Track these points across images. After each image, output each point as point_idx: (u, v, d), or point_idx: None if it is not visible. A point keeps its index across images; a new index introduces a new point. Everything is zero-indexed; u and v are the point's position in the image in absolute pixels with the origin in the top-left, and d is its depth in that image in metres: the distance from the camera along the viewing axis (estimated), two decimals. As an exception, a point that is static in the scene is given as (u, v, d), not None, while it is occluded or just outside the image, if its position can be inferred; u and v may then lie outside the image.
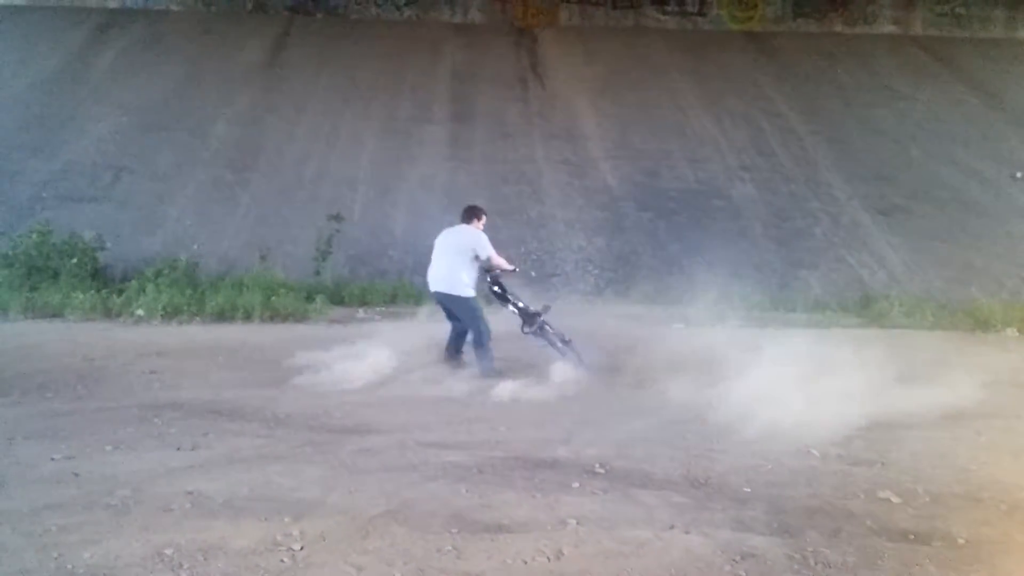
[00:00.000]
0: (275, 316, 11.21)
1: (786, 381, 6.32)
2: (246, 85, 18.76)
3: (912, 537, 3.79)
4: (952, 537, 3.80)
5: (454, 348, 7.85)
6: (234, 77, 18.97)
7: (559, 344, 7.77)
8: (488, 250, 7.58)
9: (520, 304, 7.89)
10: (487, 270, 7.78)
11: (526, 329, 7.78)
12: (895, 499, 4.32)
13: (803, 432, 5.46)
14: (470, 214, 7.86)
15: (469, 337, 7.68)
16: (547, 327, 7.78)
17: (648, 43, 21.77)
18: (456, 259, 7.55)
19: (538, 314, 7.79)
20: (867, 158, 17.70)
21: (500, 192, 16.07)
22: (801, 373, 6.49)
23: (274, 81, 19.08)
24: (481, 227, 7.81)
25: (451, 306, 7.64)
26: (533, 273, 14.09)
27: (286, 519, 3.81)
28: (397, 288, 12.89)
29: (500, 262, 7.69)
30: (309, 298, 11.96)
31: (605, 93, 19.46)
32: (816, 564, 3.46)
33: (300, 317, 11.30)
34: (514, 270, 8.03)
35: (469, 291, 7.55)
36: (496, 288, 7.88)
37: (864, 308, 12.74)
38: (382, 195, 15.75)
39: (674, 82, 20.09)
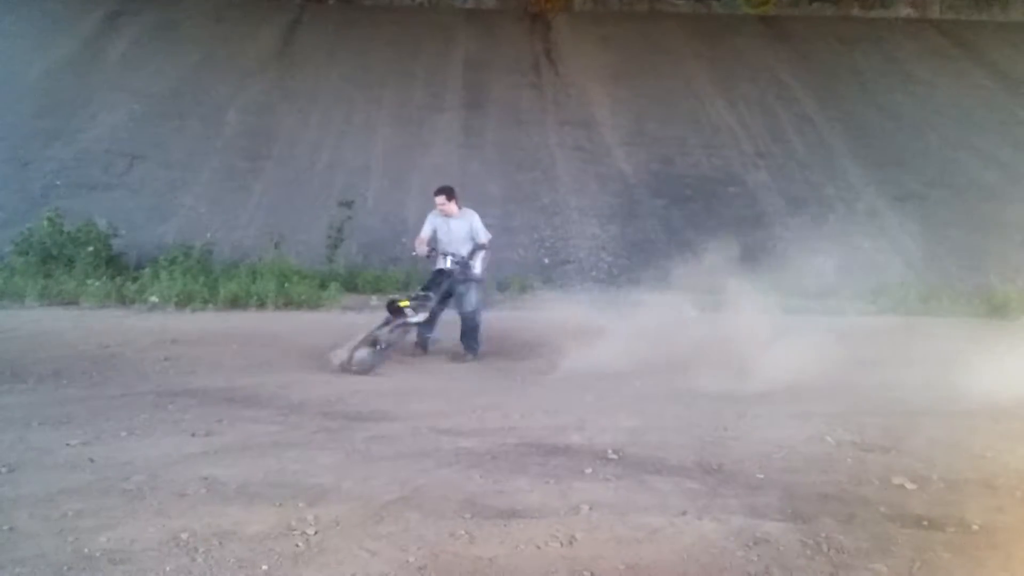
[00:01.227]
0: (289, 303, 11.26)
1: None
2: (259, 73, 18.76)
3: (926, 523, 3.77)
4: (966, 523, 3.78)
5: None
6: (247, 65, 18.98)
7: (381, 345, 7.44)
8: None
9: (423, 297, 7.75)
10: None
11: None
12: (909, 485, 4.30)
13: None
14: None
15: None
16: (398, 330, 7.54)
17: (662, 28, 21.62)
18: None
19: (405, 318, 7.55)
20: (884, 144, 17.54)
21: (513, 179, 16.04)
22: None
23: (287, 69, 19.08)
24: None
25: None
26: (547, 260, 14.09)
27: (300, 504, 3.83)
28: (411, 275, 12.90)
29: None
30: (323, 285, 11.99)
31: (619, 79, 19.35)
32: (829, 550, 3.44)
33: (314, 304, 11.34)
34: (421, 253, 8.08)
35: None
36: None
37: (880, 295, 12.65)
38: (395, 183, 15.75)
39: (689, 68, 19.96)
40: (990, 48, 21.01)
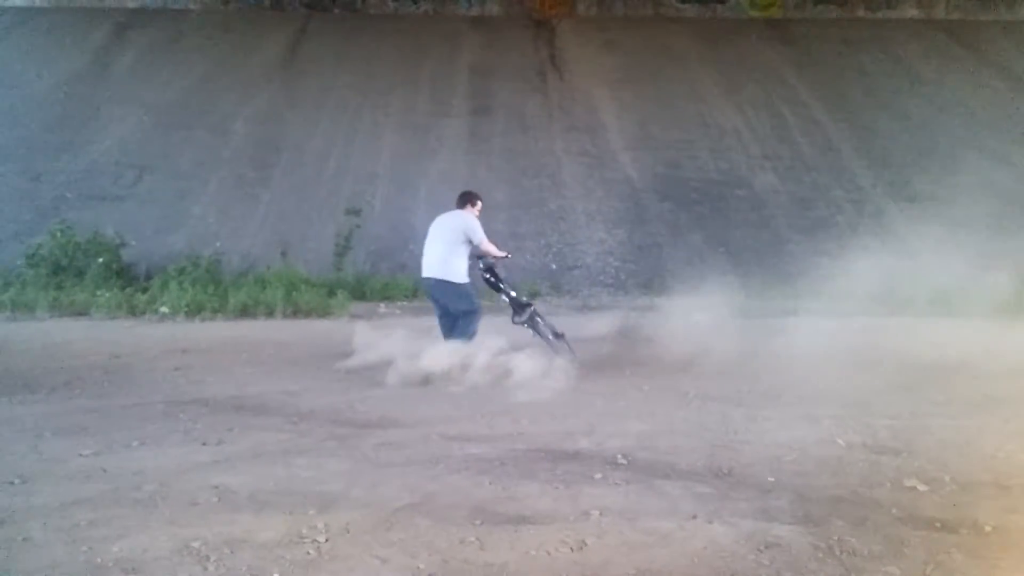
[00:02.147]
0: (297, 312, 11.28)
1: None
2: (265, 83, 18.86)
3: (939, 525, 3.75)
4: (979, 525, 3.76)
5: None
6: (253, 75, 19.08)
7: (549, 337, 7.65)
8: (479, 235, 7.34)
9: (512, 293, 7.80)
10: (478, 256, 7.65)
11: (516, 319, 7.74)
12: (921, 487, 4.27)
13: None
14: (464, 199, 7.68)
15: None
16: (538, 318, 7.71)
17: (667, 32, 21.64)
18: (449, 244, 7.37)
19: (528, 304, 7.78)
20: (891, 145, 17.50)
21: (520, 185, 16.06)
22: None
23: (293, 78, 19.17)
24: (476, 212, 7.60)
25: (442, 294, 7.42)
26: (554, 266, 14.08)
27: (311, 512, 3.83)
28: (418, 282, 12.91)
29: (490, 248, 7.50)
30: (331, 293, 12.02)
31: (624, 84, 19.36)
32: (841, 553, 3.43)
33: (322, 313, 11.36)
34: (506, 256, 7.80)
35: (462, 277, 7.38)
36: (488, 275, 7.73)
37: (888, 297, 12.59)
38: (402, 190, 15.79)
39: (694, 71, 19.97)
40: (997, 48, 20.95)
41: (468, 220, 7.46)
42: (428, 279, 7.46)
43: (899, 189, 16.20)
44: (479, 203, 7.70)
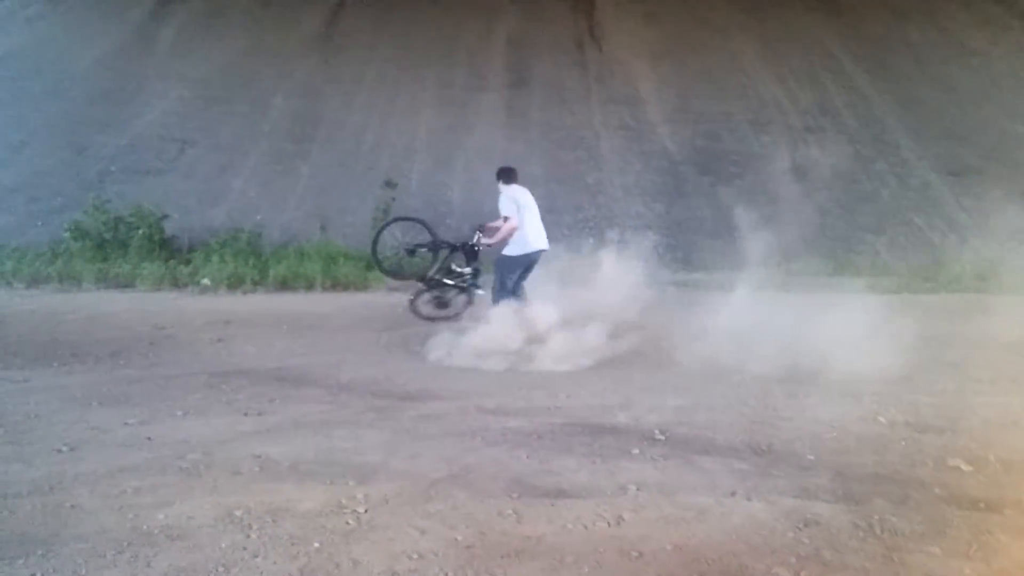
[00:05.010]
0: (336, 285, 11.38)
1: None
2: (304, 57, 18.89)
3: (982, 505, 3.69)
4: (1023, 505, 3.70)
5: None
6: (292, 49, 19.12)
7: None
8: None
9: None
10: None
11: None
12: (965, 467, 4.21)
13: None
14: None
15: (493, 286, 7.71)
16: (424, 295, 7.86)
17: (708, 3, 21.22)
18: None
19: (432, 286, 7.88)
20: (938, 117, 17.07)
21: (557, 159, 15.96)
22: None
23: (331, 52, 19.18)
24: None
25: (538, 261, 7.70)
26: (591, 240, 14.00)
27: (350, 482, 3.88)
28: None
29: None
30: (369, 267, 12.11)
31: (664, 56, 19.08)
32: (883, 532, 3.39)
33: (361, 286, 11.45)
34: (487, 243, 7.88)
35: None
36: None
37: (934, 272, 12.37)
38: (439, 164, 15.78)
39: (736, 43, 19.59)
40: (1050, 16, 20.27)
41: None
42: (542, 251, 7.70)
43: (945, 163, 15.82)
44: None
